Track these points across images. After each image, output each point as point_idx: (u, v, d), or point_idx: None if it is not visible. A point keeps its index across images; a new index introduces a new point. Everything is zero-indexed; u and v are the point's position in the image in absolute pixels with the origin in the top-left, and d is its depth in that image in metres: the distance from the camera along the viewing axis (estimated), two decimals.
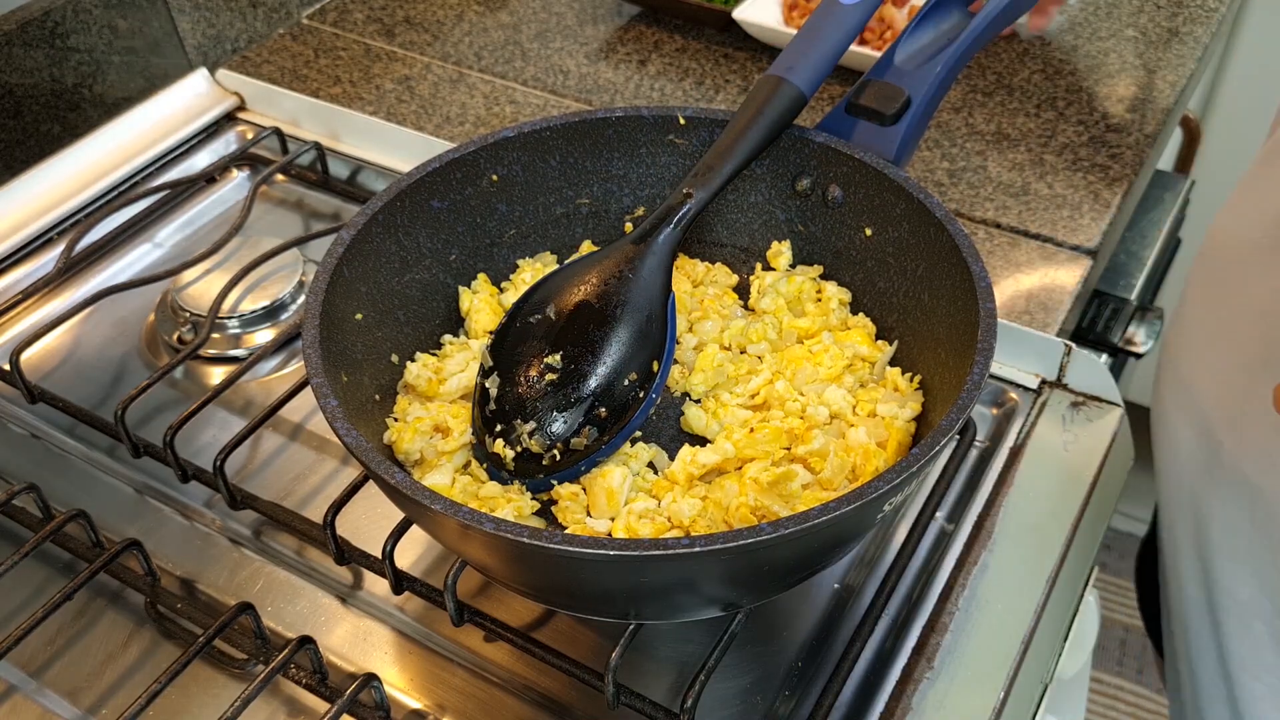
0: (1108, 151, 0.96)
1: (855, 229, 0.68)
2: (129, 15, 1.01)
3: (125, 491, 0.72)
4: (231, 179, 0.97)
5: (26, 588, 0.66)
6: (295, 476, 0.72)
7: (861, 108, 0.66)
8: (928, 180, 0.94)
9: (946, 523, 0.69)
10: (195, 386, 0.79)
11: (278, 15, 1.16)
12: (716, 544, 0.46)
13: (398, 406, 0.64)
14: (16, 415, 0.77)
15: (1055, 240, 0.88)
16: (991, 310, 0.56)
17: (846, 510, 0.48)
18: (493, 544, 0.50)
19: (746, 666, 0.62)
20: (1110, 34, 1.12)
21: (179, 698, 0.60)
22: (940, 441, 0.50)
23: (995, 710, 0.58)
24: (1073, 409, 0.74)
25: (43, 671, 0.62)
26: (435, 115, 1.03)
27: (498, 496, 0.59)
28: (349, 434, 0.52)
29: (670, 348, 0.63)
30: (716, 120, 0.69)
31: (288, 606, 0.66)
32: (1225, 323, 0.76)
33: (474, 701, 0.61)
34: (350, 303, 0.62)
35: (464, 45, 1.12)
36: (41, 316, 0.84)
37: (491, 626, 0.60)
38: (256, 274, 0.82)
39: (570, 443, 0.60)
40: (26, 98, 0.95)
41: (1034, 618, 0.62)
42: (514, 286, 0.71)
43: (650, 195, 0.72)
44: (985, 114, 1.01)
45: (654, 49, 1.11)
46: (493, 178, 0.69)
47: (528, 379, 0.61)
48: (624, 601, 0.55)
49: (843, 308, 0.69)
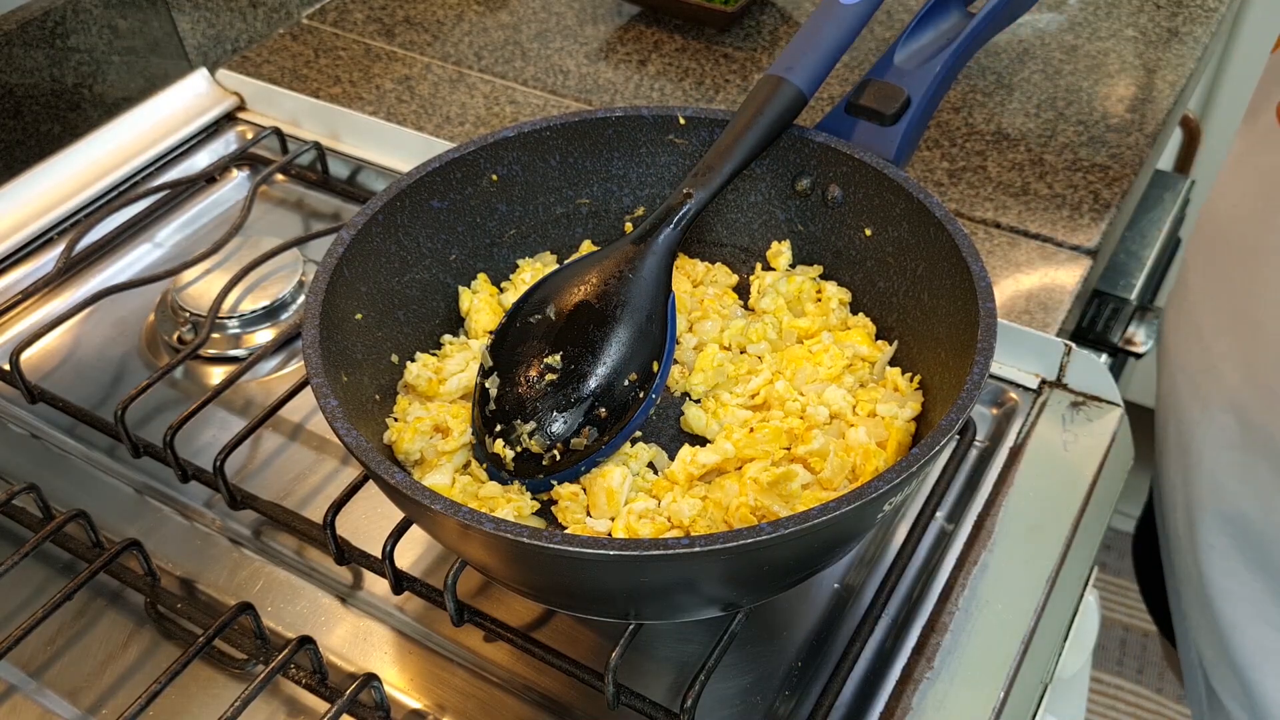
0: (1108, 151, 0.96)
1: (855, 229, 0.68)
2: (129, 15, 1.01)
3: (125, 491, 0.72)
4: (231, 179, 0.97)
5: (26, 588, 0.66)
6: (295, 476, 0.72)
7: (861, 108, 0.66)
8: (928, 180, 0.94)
9: (946, 523, 0.69)
10: (195, 386, 0.79)
11: (278, 15, 1.16)
12: (716, 544, 0.46)
13: (398, 406, 0.64)
14: (16, 415, 0.77)
15: (1055, 240, 0.88)
16: (991, 310, 0.56)
17: (846, 510, 0.48)
18: (493, 544, 0.50)
19: (746, 666, 0.62)
20: (1110, 34, 1.12)
21: (179, 698, 0.60)
22: (940, 441, 0.50)
23: (995, 710, 0.58)
24: (1073, 409, 0.74)
25: (43, 671, 0.62)
26: (435, 115, 1.03)
27: (498, 496, 0.59)
28: (349, 434, 0.52)
29: (670, 348, 0.63)
30: (716, 120, 0.69)
31: (288, 606, 0.66)
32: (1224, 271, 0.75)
33: (474, 701, 0.61)
34: (350, 303, 0.62)
35: (464, 45, 1.12)
36: (41, 316, 0.84)
37: (491, 626, 0.60)
38: (256, 274, 0.82)
39: (570, 443, 0.60)
40: (26, 98, 0.95)
41: (1034, 618, 0.62)
42: (514, 286, 0.71)
43: (650, 195, 0.72)
44: (985, 114, 1.01)
45: (654, 49, 1.11)
46: (493, 178, 0.69)
47: (528, 379, 0.61)
48: (624, 601, 0.55)
49: (843, 308, 0.69)
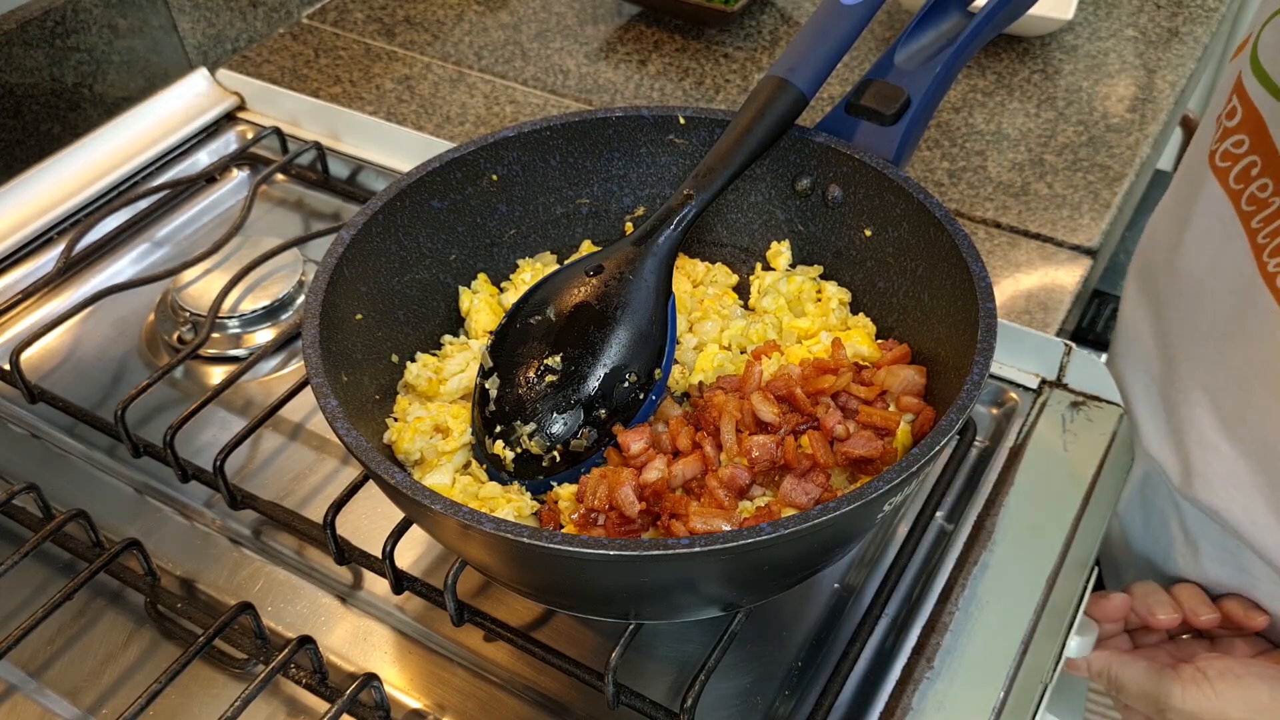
0: (1108, 151, 0.96)
1: (855, 229, 0.68)
2: (129, 15, 1.01)
3: (125, 491, 0.72)
4: (231, 179, 0.97)
5: (26, 588, 0.66)
6: (295, 476, 0.72)
7: (861, 108, 0.66)
8: (928, 180, 0.94)
9: (946, 523, 0.69)
10: (195, 386, 0.79)
11: (278, 15, 1.16)
12: (716, 544, 0.46)
13: (398, 406, 0.64)
14: (16, 415, 0.77)
15: (1055, 240, 0.88)
16: (991, 310, 0.56)
17: (846, 510, 0.48)
18: (493, 544, 0.50)
19: (746, 666, 0.62)
20: (1110, 34, 1.12)
21: (179, 698, 0.60)
22: (940, 441, 0.50)
23: (995, 710, 0.58)
24: (1073, 409, 0.74)
25: (43, 671, 0.62)
26: (435, 115, 1.03)
27: (498, 497, 0.59)
28: (349, 434, 0.52)
29: (670, 349, 0.63)
30: (716, 120, 0.68)
31: (288, 606, 0.66)
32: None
33: (474, 701, 0.61)
34: (350, 303, 0.62)
35: (464, 45, 1.12)
36: (41, 316, 0.84)
37: (491, 626, 0.60)
38: (256, 274, 0.82)
39: (570, 444, 0.60)
40: (26, 98, 0.95)
41: (1034, 618, 0.62)
42: (514, 286, 0.71)
43: (650, 195, 0.72)
44: (985, 114, 1.01)
45: (654, 49, 1.11)
46: (493, 177, 0.69)
47: (527, 380, 0.61)
48: (624, 601, 0.55)
49: (843, 308, 0.69)
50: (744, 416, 0.59)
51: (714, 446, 0.58)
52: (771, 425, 0.59)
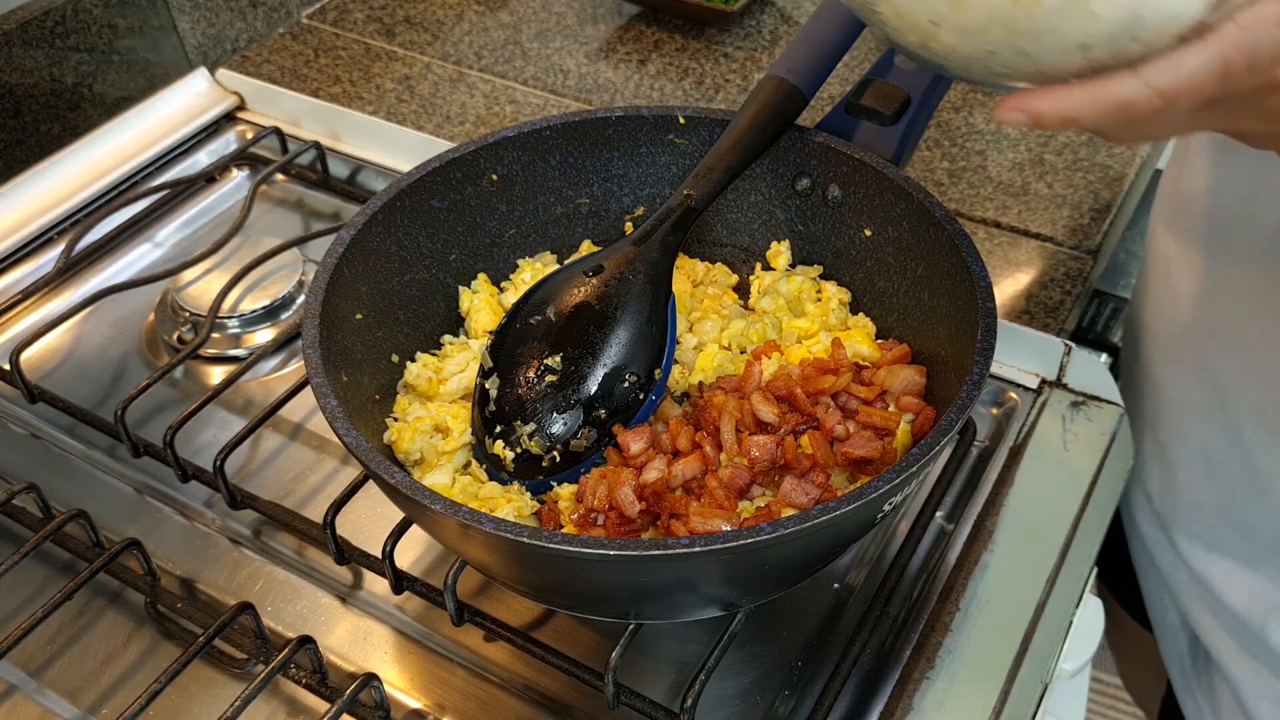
0: (1108, 151, 0.96)
1: (855, 229, 0.68)
2: (129, 15, 1.01)
3: (125, 491, 0.72)
4: (231, 179, 0.97)
5: (26, 588, 0.66)
6: (295, 476, 0.72)
7: (861, 107, 0.66)
8: (928, 180, 0.94)
9: (946, 523, 0.69)
10: (195, 386, 0.79)
11: (278, 15, 1.16)
12: (716, 544, 0.46)
13: (398, 406, 0.64)
14: (16, 415, 0.77)
15: (1055, 240, 0.88)
16: (991, 310, 0.56)
17: (846, 510, 0.48)
18: (493, 544, 0.50)
19: (746, 666, 0.62)
20: None
21: (179, 698, 0.60)
22: (940, 441, 0.50)
23: (995, 710, 0.58)
24: (1073, 409, 0.74)
25: (43, 671, 0.62)
26: (435, 115, 1.03)
27: (498, 497, 0.59)
28: (349, 434, 0.52)
29: (670, 349, 0.63)
30: (716, 120, 0.68)
31: (288, 606, 0.66)
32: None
33: (474, 701, 0.61)
34: (350, 303, 0.62)
35: (464, 45, 1.12)
36: (41, 316, 0.84)
37: (491, 626, 0.60)
38: (256, 274, 0.82)
39: (570, 444, 0.60)
40: (26, 98, 0.95)
41: (1034, 618, 0.62)
42: (514, 286, 0.71)
43: (650, 195, 0.72)
44: (985, 114, 1.01)
45: (654, 49, 1.11)
46: (493, 177, 0.69)
47: (527, 380, 0.61)
48: (624, 601, 0.55)
49: (843, 308, 0.69)
50: (744, 416, 0.59)
51: (714, 446, 0.58)
52: (771, 425, 0.59)
